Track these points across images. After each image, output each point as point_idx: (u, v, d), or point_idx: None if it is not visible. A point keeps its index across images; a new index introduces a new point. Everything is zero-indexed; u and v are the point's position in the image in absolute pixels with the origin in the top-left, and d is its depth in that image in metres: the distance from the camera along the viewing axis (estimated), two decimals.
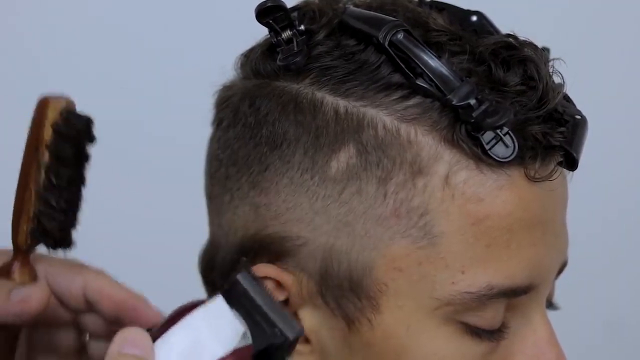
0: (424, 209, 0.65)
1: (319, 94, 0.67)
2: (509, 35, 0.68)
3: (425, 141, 0.65)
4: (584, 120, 0.68)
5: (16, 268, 0.67)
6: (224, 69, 0.74)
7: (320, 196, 0.66)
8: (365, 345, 0.67)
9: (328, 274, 0.67)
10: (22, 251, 0.68)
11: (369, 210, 0.65)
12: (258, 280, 0.63)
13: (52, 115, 0.67)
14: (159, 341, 0.61)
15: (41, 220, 0.66)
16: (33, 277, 0.68)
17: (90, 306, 0.72)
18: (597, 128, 0.72)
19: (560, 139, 0.66)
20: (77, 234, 0.69)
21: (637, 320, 1.33)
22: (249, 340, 0.61)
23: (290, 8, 0.69)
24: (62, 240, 0.67)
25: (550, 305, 0.72)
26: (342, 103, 0.66)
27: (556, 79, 0.68)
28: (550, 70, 0.67)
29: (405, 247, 0.65)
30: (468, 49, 0.66)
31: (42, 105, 0.67)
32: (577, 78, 0.69)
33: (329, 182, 0.66)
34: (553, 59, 0.68)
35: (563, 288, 0.74)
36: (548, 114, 0.66)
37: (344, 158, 0.65)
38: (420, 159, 0.65)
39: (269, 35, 0.70)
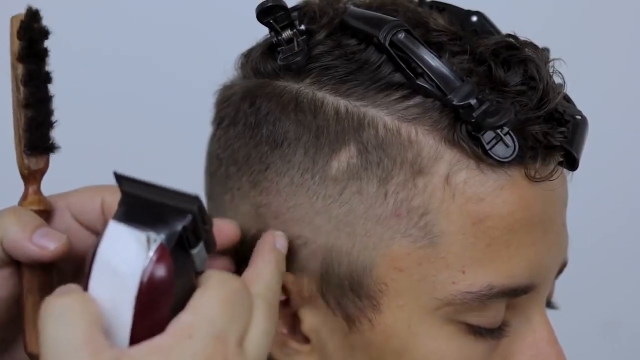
0: (424, 209, 0.65)
1: (320, 94, 0.67)
2: (509, 36, 0.68)
3: (425, 141, 0.65)
4: (584, 120, 0.68)
5: (25, 195, 0.66)
6: (224, 68, 0.74)
7: (321, 196, 0.66)
8: (366, 345, 0.67)
9: (328, 274, 0.67)
10: (27, 178, 0.66)
11: (370, 210, 0.65)
12: (138, 181, 0.59)
13: (16, 27, 0.66)
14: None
15: (26, 134, 0.66)
16: (45, 205, 0.66)
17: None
18: (597, 128, 0.72)
19: (561, 138, 0.66)
20: None
21: (636, 320, 1.33)
22: (158, 241, 0.57)
23: (291, 8, 0.69)
24: (45, 144, 0.66)
25: (548, 304, 0.72)
26: (342, 103, 0.66)
27: (556, 79, 0.68)
28: (551, 71, 0.67)
29: (406, 247, 0.65)
30: (468, 49, 0.66)
31: (10, 24, 0.66)
32: (577, 78, 0.69)
33: (329, 182, 0.66)
34: (553, 59, 0.68)
35: (562, 288, 0.74)
36: (548, 114, 0.66)
37: (344, 158, 0.65)
38: (420, 159, 0.65)
39: (269, 35, 0.70)
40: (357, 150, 0.65)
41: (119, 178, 0.58)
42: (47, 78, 0.66)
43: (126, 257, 0.56)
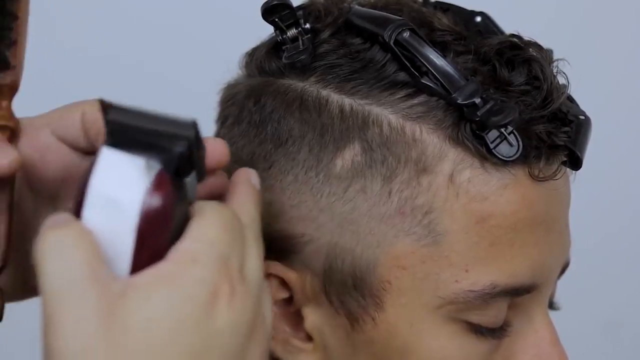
0: (428, 207, 0.65)
1: (324, 92, 0.67)
2: (513, 36, 0.68)
3: (430, 139, 0.65)
4: (587, 120, 0.69)
5: None
6: (228, 66, 0.74)
7: (325, 194, 0.66)
8: (369, 343, 0.67)
9: (332, 272, 0.67)
10: None
11: (374, 208, 0.65)
12: (127, 109, 0.56)
13: None
14: None
15: None
16: (8, 121, 0.63)
17: (89, 138, 0.64)
18: (600, 129, 0.72)
19: (565, 138, 0.66)
20: None
21: (638, 321, 1.33)
22: (157, 167, 0.54)
23: (296, 7, 0.70)
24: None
25: (550, 305, 0.72)
26: (347, 101, 0.66)
27: (560, 80, 0.68)
28: (555, 71, 0.68)
29: (409, 245, 0.65)
30: (473, 48, 0.67)
31: None
32: (580, 79, 0.69)
33: (333, 180, 0.66)
34: (557, 60, 0.68)
35: (564, 288, 0.74)
36: (552, 113, 0.66)
37: (348, 156, 0.66)
38: (425, 157, 0.65)
39: (274, 34, 0.70)
40: (362, 148, 0.65)
41: (106, 107, 0.56)
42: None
43: (124, 184, 0.54)
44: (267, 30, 0.71)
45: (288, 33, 0.68)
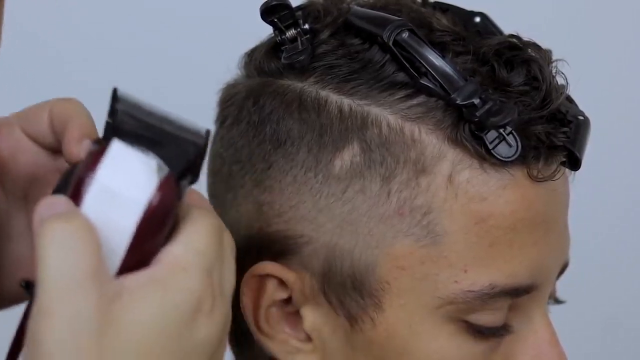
0: (427, 208, 0.65)
1: (323, 93, 0.67)
2: (512, 36, 0.68)
3: (429, 140, 0.65)
4: (586, 120, 0.69)
5: None
6: (228, 67, 0.74)
7: (324, 194, 0.66)
8: (368, 344, 0.67)
9: (331, 272, 0.67)
10: None
11: (373, 208, 0.65)
12: (137, 102, 0.55)
13: None
14: None
15: None
16: None
17: (56, 134, 0.63)
18: (599, 129, 0.72)
19: (564, 139, 0.66)
20: None
21: (637, 320, 1.33)
22: (164, 170, 0.54)
23: (295, 7, 0.70)
24: None
25: (555, 300, 0.72)
26: (346, 101, 0.66)
27: (559, 80, 0.68)
28: (553, 71, 0.68)
29: (408, 246, 0.65)
30: (472, 49, 0.67)
31: None
32: (579, 79, 0.69)
33: (332, 180, 0.66)
34: (556, 60, 0.69)
35: (563, 288, 0.74)
36: (551, 114, 0.66)
37: (347, 156, 0.66)
38: (424, 158, 0.65)
39: (273, 34, 0.70)
40: (361, 148, 0.65)
41: (118, 97, 0.55)
42: None
43: (133, 181, 0.53)
44: (266, 31, 0.71)
45: (287, 33, 0.68)
